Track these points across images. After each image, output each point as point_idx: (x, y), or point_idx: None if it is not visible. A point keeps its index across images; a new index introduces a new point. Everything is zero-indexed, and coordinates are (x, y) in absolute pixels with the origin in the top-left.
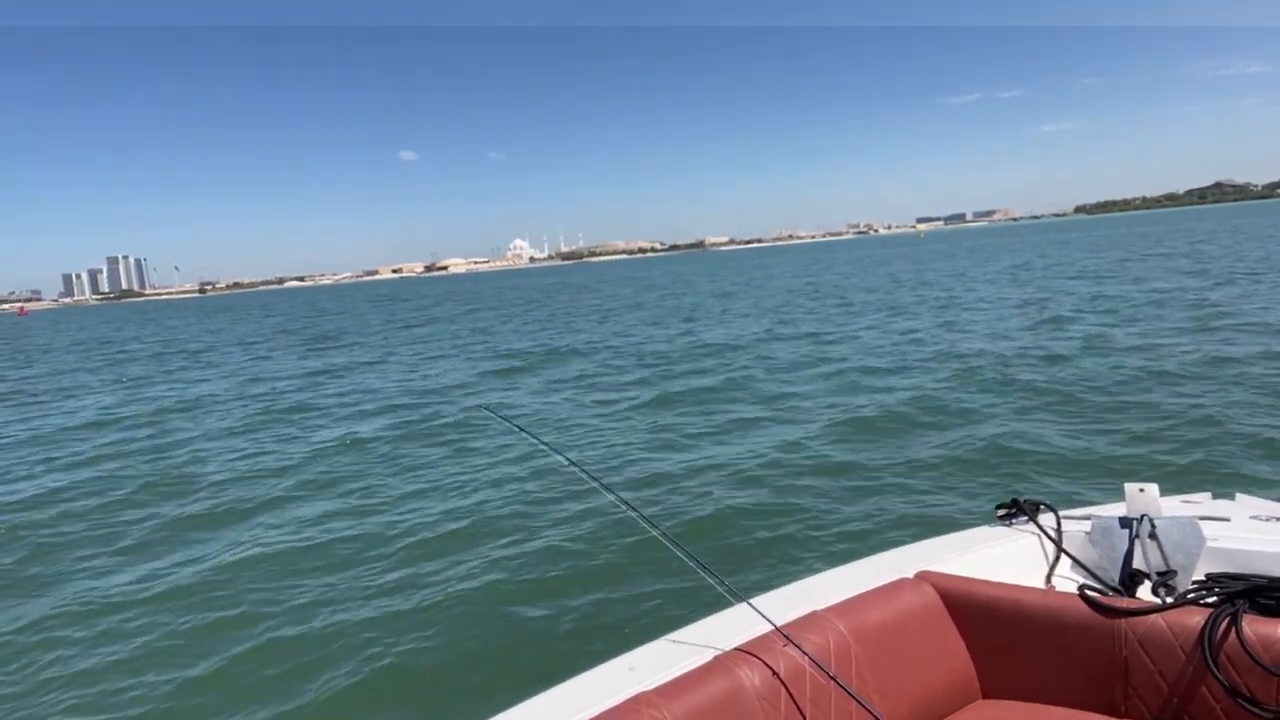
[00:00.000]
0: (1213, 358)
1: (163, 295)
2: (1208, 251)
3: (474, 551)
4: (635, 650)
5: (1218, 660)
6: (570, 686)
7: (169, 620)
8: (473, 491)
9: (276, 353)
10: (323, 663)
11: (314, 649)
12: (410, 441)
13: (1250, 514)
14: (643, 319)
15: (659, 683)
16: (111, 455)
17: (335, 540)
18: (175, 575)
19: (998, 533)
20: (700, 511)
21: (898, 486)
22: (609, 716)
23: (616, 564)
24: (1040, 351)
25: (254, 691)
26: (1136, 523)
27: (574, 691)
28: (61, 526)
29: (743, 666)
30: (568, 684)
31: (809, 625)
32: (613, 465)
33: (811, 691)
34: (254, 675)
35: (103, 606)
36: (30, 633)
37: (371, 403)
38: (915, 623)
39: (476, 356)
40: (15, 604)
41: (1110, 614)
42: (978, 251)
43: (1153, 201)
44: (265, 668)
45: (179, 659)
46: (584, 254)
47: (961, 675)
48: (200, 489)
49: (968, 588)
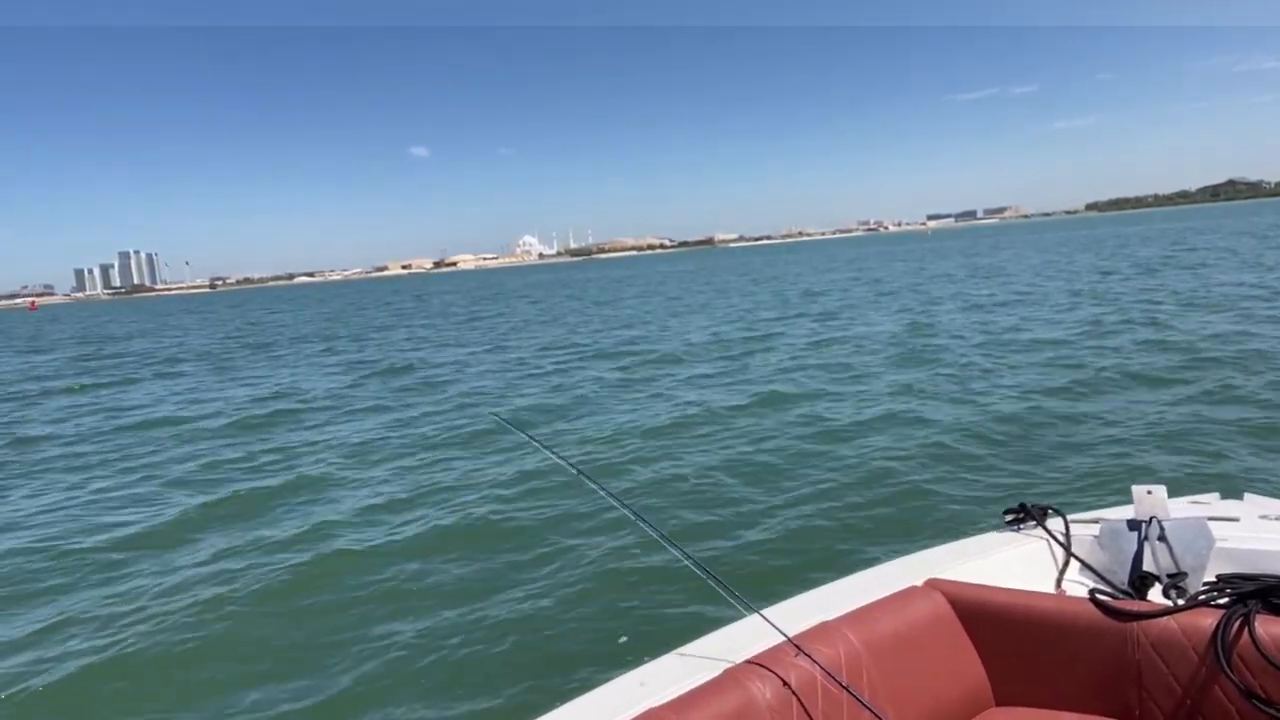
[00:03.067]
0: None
1: (173, 291)
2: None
3: (477, 563)
4: (646, 665)
5: (1231, 661)
6: (581, 703)
7: (138, 640)
8: (474, 499)
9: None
10: (313, 674)
11: (305, 660)
12: (423, 450)
13: (1259, 514)
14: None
15: (670, 697)
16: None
17: (331, 549)
18: (175, 576)
19: (1006, 538)
20: (707, 518)
21: (910, 491)
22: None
23: (624, 575)
24: (1050, 347)
25: (254, 697)
26: (1145, 525)
27: (585, 708)
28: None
29: (754, 679)
30: (578, 700)
31: (820, 636)
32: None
33: (824, 703)
34: (251, 678)
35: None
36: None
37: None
38: (926, 631)
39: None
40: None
41: (1122, 617)
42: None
43: (1165, 199)
44: (262, 672)
45: (171, 665)
46: (593, 251)
47: (974, 683)
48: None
49: (978, 594)
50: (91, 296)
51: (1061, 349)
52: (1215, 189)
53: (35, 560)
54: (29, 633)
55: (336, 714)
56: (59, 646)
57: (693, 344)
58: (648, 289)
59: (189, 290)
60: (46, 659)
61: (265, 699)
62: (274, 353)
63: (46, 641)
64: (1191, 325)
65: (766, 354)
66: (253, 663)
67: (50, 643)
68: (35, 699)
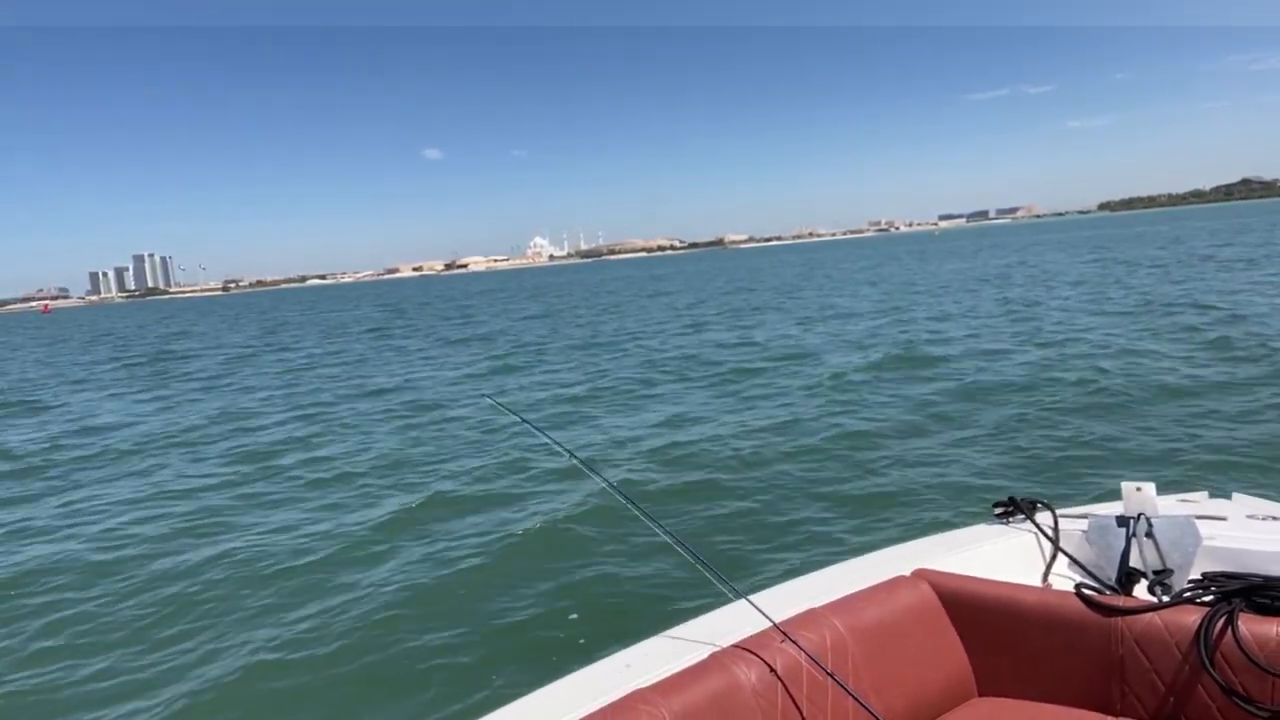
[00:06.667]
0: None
1: (187, 293)
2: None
3: (465, 545)
4: (632, 647)
5: (1214, 659)
6: (566, 683)
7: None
8: (463, 480)
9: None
10: (308, 659)
11: (299, 646)
12: (415, 430)
13: (1247, 513)
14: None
15: (655, 679)
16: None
17: (318, 534)
18: (168, 570)
19: (995, 531)
20: (698, 505)
21: (898, 483)
22: (605, 714)
23: (614, 559)
24: (1049, 348)
25: (245, 690)
26: (1133, 521)
27: (570, 688)
28: None
29: (740, 663)
30: (563, 681)
31: (806, 622)
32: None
33: (808, 689)
34: (243, 670)
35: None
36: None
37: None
38: (912, 620)
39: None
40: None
41: (1107, 612)
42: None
43: (1178, 198)
44: (255, 663)
45: (156, 654)
46: (603, 252)
47: (958, 673)
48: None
49: (964, 586)
50: (106, 299)
51: (1068, 347)
52: (1229, 188)
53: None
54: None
55: (319, 699)
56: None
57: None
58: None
59: (203, 293)
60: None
61: (258, 695)
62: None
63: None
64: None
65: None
66: (239, 658)
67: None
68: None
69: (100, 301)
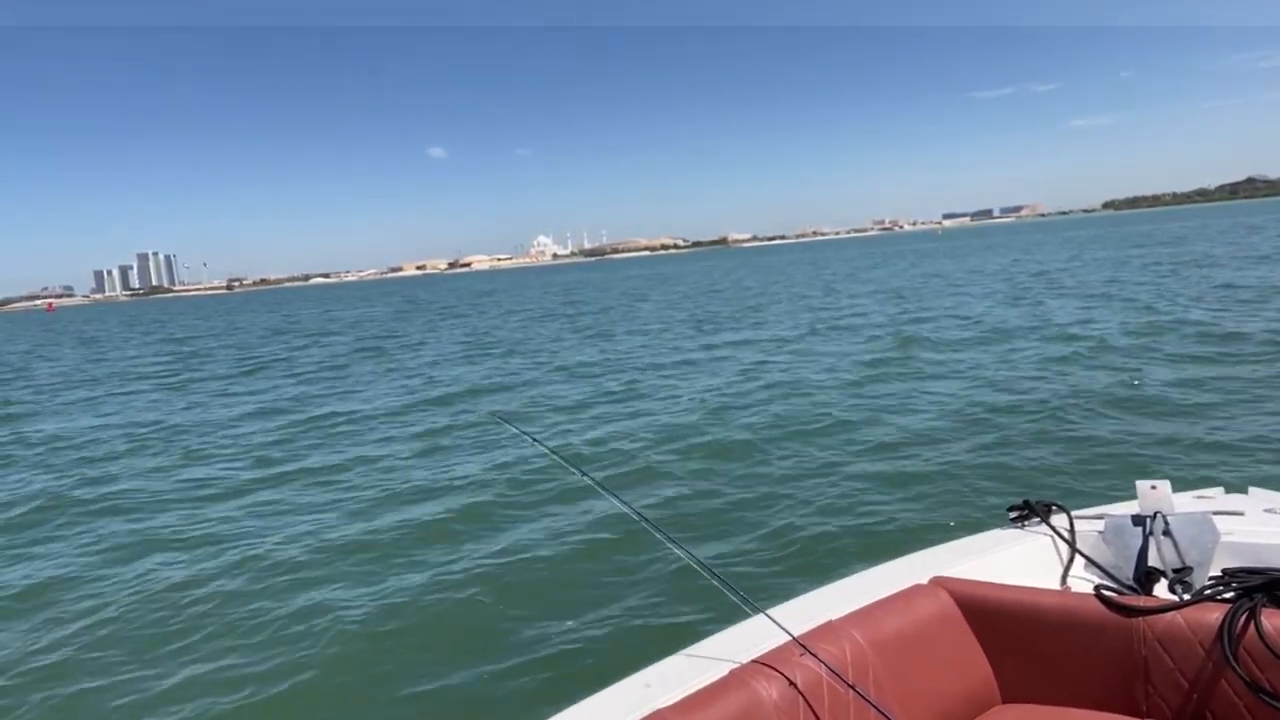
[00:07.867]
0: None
1: (191, 292)
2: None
3: (478, 564)
4: (651, 666)
5: (1238, 655)
6: (587, 705)
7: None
8: (475, 498)
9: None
10: (320, 676)
11: (311, 662)
12: (420, 445)
13: (1264, 508)
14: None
15: (676, 698)
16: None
17: (329, 545)
18: (168, 573)
19: (1010, 535)
20: (710, 517)
21: (913, 490)
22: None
23: (630, 576)
24: (1050, 345)
25: (242, 697)
26: (1150, 520)
27: (590, 710)
28: None
29: (760, 679)
30: (584, 703)
31: (825, 635)
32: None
33: (830, 703)
34: (243, 679)
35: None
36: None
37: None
38: (932, 629)
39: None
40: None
41: (1128, 613)
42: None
43: (1183, 197)
44: (255, 674)
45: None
46: (607, 251)
47: (980, 681)
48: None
49: (983, 592)
50: (110, 297)
51: (1075, 344)
52: (1234, 187)
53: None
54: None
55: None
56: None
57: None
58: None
59: (207, 291)
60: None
61: (257, 707)
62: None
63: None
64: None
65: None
66: (238, 666)
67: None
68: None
69: (104, 300)
